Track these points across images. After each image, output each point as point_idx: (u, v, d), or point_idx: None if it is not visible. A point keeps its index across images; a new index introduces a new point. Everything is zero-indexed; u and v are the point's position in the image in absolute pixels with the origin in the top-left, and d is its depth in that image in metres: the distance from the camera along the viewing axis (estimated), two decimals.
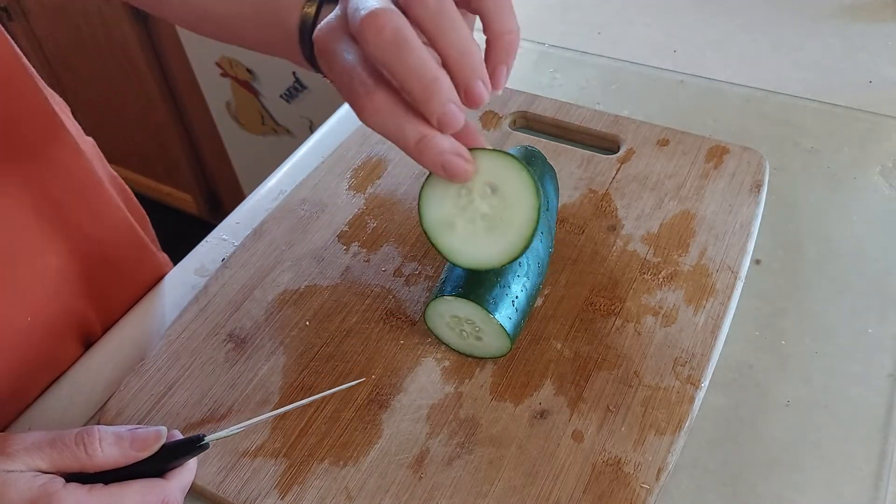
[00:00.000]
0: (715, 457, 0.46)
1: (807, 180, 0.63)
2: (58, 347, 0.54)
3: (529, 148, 0.55)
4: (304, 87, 1.42)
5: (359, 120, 0.38)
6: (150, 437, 0.40)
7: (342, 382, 0.49)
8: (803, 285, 0.55)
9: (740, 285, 0.53)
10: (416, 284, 0.55)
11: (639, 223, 0.58)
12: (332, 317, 0.53)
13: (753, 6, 0.83)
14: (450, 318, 0.49)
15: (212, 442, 0.41)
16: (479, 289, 0.47)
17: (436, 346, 0.51)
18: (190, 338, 0.53)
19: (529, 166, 0.42)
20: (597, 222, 0.58)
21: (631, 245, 0.56)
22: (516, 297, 0.48)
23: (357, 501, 0.44)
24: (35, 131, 0.51)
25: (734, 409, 0.49)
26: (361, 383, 0.49)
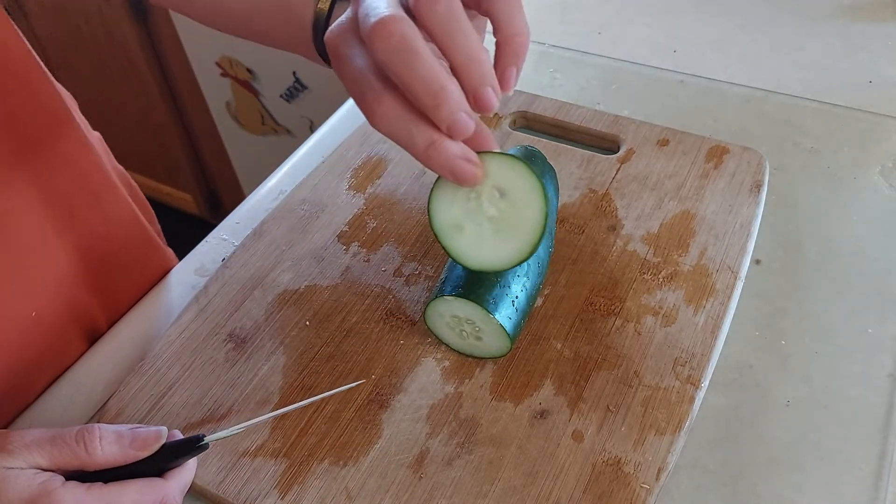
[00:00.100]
0: (715, 457, 0.46)
1: (807, 180, 0.63)
2: (62, 342, 0.54)
3: (529, 148, 0.55)
4: (304, 87, 1.42)
5: (368, 122, 0.38)
6: (150, 437, 0.40)
7: (342, 382, 0.49)
8: (803, 285, 0.55)
9: (740, 285, 0.53)
10: (416, 284, 0.55)
11: (639, 223, 0.58)
12: (332, 317, 0.53)
13: (753, 6, 0.83)
14: (450, 318, 0.49)
15: (211, 442, 0.41)
16: (479, 289, 0.47)
17: (436, 346, 0.51)
18: (190, 338, 0.53)
19: (535, 168, 0.42)
20: (597, 222, 0.58)
21: (631, 245, 0.56)
22: (516, 297, 0.48)
23: (357, 501, 0.44)
24: (46, 126, 0.51)
25: (734, 409, 0.49)
26: (361, 384, 0.49)
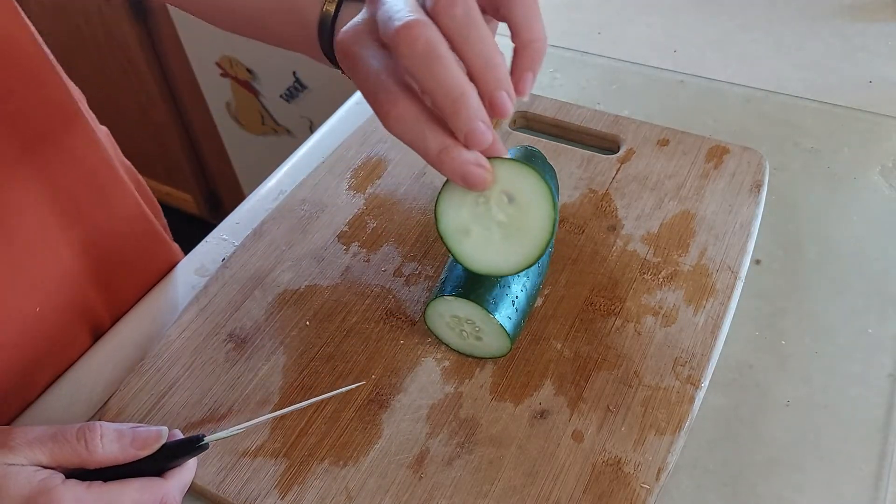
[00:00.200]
0: (715, 457, 0.46)
1: (807, 180, 0.63)
2: (66, 338, 0.54)
3: (529, 148, 0.55)
4: (304, 87, 1.42)
5: (381, 123, 0.38)
6: (151, 436, 0.40)
7: (342, 382, 0.49)
8: (803, 285, 0.55)
9: (740, 285, 0.53)
10: (416, 284, 0.55)
11: (639, 223, 0.58)
12: (332, 317, 0.53)
13: (753, 6, 0.83)
14: (450, 318, 0.49)
15: (211, 442, 0.41)
16: (479, 289, 0.47)
17: (436, 346, 0.51)
18: (190, 338, 0.53)
19: (544, 174, 0.42)
20: (597, 222, 0.58)
21: (631, 245, 0.56)
22: (516, 297, 0.48)
23: (357, 501, 0.44)
24: (54, 122, 0.51)
25: (734, 409, 0.49)
26: (361, 386, 0.49)
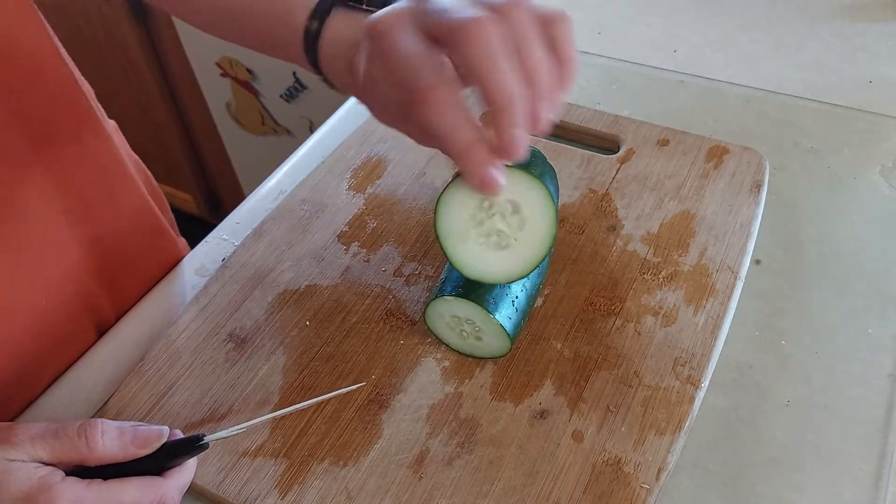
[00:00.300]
0: (715, 457, 0.46)
1: (807, 180, 0.63)
2: (71, 332, 0.54)
3: (530, 147, 0.55)
4: (304, 87, 1.42)
5: (413, 107, 0.37)
6: (151, 435, 0.40)
7: (342, 382, 0.49)
8: (803, 285, 0.55)
9: (740, 285, 0.53)
10: (416, 284, 0.55)
11: (639, 223, 0.58)
12: (332, 317, 0.53)
13: (753, 6, 0.83)
14: (450, 318, 0.49)
15: (211, 442, 0.41)
16: (479, 289, 0.47)
17: (436, 346, 0.51)
18: (190, 338, 0.53)
19: (552, 192, 0.42)
20: (597, 222, 0.58)
21: (631, 245, 0.56)
22: (516, 297, 0.48)
23: (357, 501, 0.44)
24: (66, 121, 0.51)
25: (734, 409, 0.49)
26: (361, 387, 0.49)
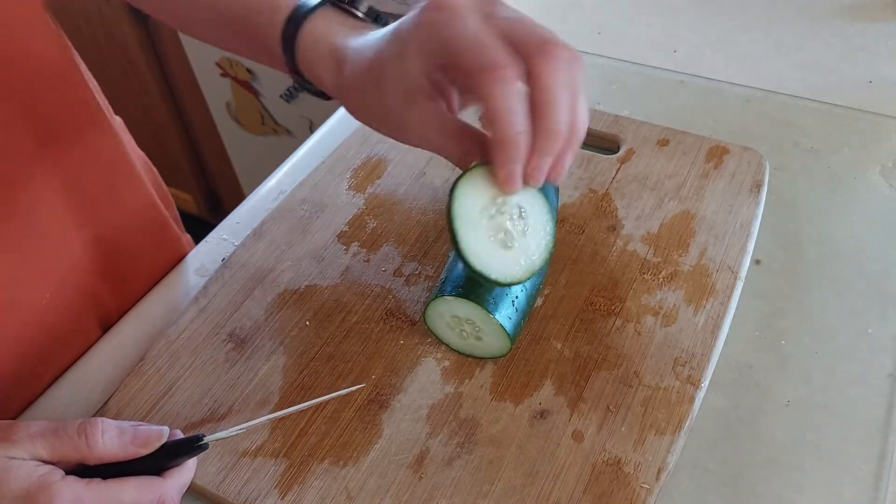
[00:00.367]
0: (715, 457, 0.46)
1: (807, 180, 0.63)
2: (75, 328, 0.54)
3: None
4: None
5: (478, 83, 0.36)
6: (152, 435, 0.40)
7: (342, 382, 0.49)
8: (803, 285, 0.55)
9: (740, 285, 0.53)
10: (416, 284, 0.55)
11: (639, 223, 0.58)
12: (332, 317, 0.53)
13: (753, 6, 0.83)
14: (450, 318, 0.49)
15: (211, 443, 0.41)
16: (479, 289, 0.47)
17: (436, 346, 0.51)
18: (190, 338, 0.53)
19: (550, 205, 0.43)
20: (597, 222, 0.58)
21: (631, 245, 0.56)
22: (516, 297, 0.48)
23: (357, 501, 0.44)
24: (76, 120, 0.51)
25: (734, 409, 0.49)
26: (360, 388, 0.49)
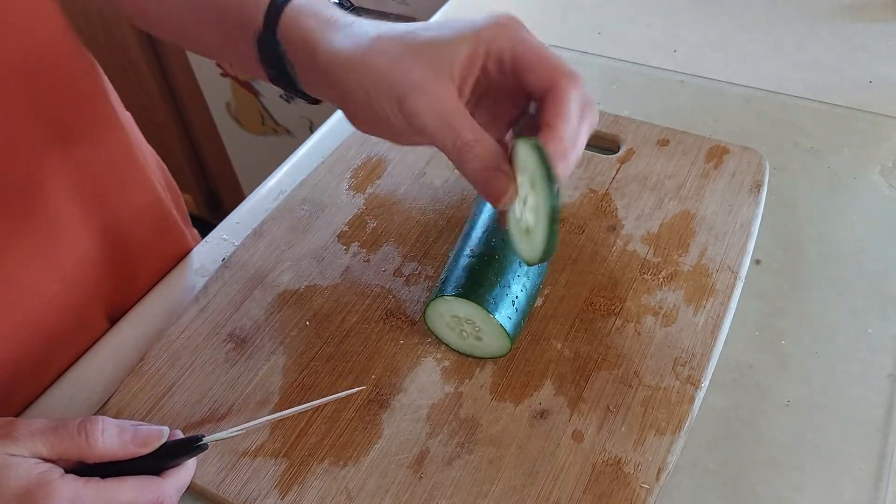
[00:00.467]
0: (715, 457, 0.46)
1: (807, 180, 0.63)
2: (83, 319, 0.54)
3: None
4: None
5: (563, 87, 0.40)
6: (152, 435, 0.40)
7: (342, 382, 0.49)
8: (803, 285, 0.55)
9: (740, 285, 0.53)
10: (416, 284, 0.55)
11: (639, 223, 0.58)
12: (332, 317, 0.53)
13: (753, 6, 0.83)
14: (450, 318, 0.49)
15: (210, 443, 0.41)
16: (478, 289, 0.47)
17: (436, 346, 0.51)
18: (190, 338, 0.53)
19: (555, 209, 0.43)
20: (597, 222, 0.58)
21: (631, 245, 0.56)
22: (516, 297, 0.48)
23: (357, 501, 0.44)
24: (87, 114, 0.52)
25: (734, 409, 0.49)
26: (360, 391, 0.49)
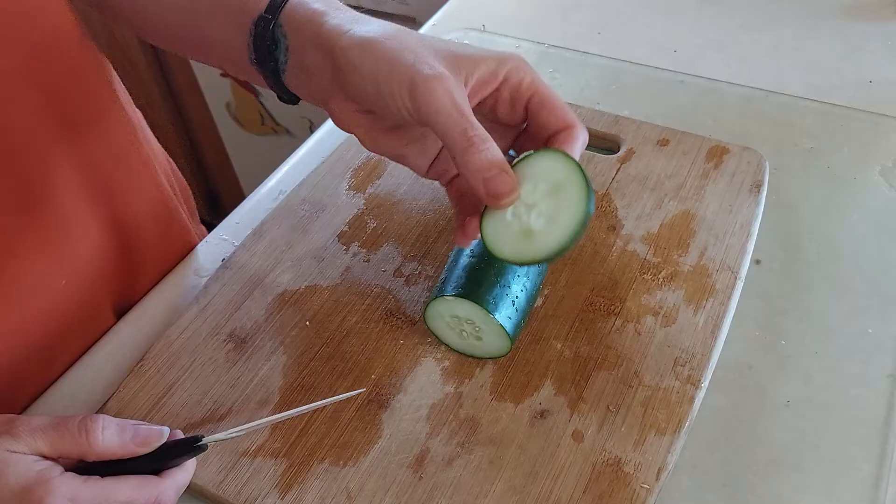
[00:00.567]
0: (715, 457, 0.46)
1: (807, 180, 0.63)
2: (90, 313, 0.54)
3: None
4: None
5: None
6: (151, 435, 0.41)
7: (342, 382, 0.49)
8: (803, 285, 0.55)
9: (740, 285, 0.53)
10: (416, 284, 0.55)
11: (639, 223, 0.58)
12: (332, 317, 0.53)
13: (753, 6, 0.83)
14: (450, 318, 0.49)
15: (210, 444, 0.41)
16: (478, 289, 0.47)
17: (436, 346, 0.51)
18: (190, 338, 0.53)
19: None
20: (597, 222, 0.58)
21: (631, 245, 0.56)
22: (516, 297, 0.48)
23: (357, 501, 0.44)
24: (96, 108, 0.52)
25: (734, 409, 0.49)
26: (360, 393, 0.48)
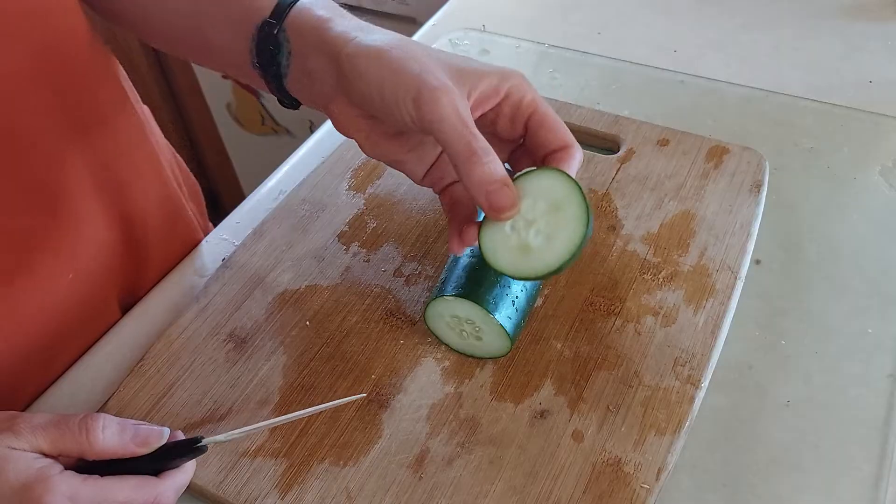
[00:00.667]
0: (715, 457, 0.46)
1: (807, 180, 0.63)
2: (95, 307, 0.55)
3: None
4: None
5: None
6: (152, 435, 0.41)
7: (342, 382, 0.49)
8: (803, 285, 0.55)
9: (740, 285, 0.53)
10: (416, 284, 0.55)
11: (639, 223, 0.58)
12: (332, 317, 0.53)
13: (753, 6, 0.83)
14: (450, 318, 0.49)
15: (209, 445, 0.41)
16: (479, 289, 0.47)
17: (436, 346, 0.51)
18: (190, 338, 0.53)
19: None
20: (597, 222, 0.58)
21: (631, 245, 0.56)
22: (516, 297, 0.48)
23: (357, 501, 0.44)
24: (106, 107, 0.52)
25: (734, 409, 0.49)
26: (360, 398, 0.48)
